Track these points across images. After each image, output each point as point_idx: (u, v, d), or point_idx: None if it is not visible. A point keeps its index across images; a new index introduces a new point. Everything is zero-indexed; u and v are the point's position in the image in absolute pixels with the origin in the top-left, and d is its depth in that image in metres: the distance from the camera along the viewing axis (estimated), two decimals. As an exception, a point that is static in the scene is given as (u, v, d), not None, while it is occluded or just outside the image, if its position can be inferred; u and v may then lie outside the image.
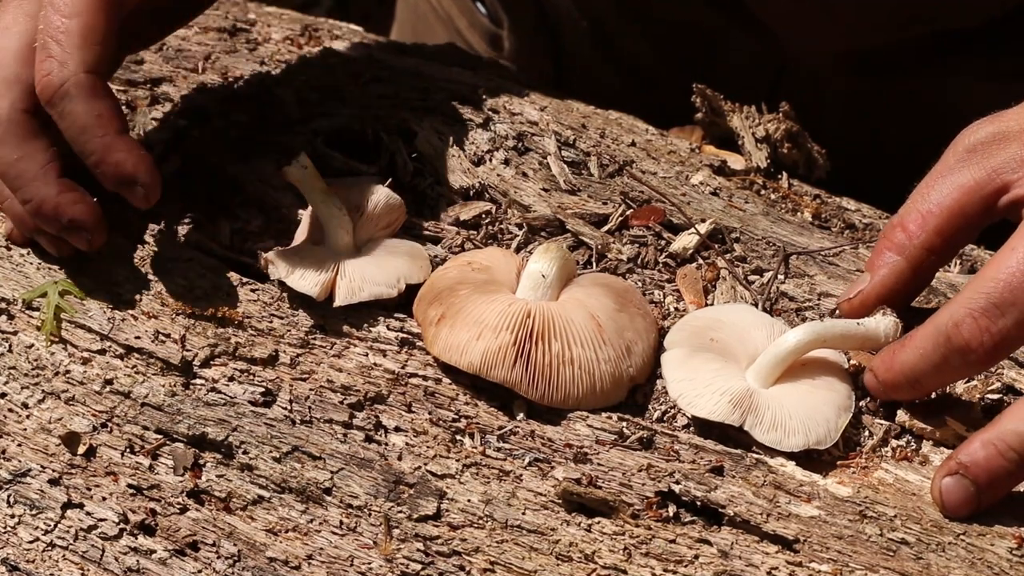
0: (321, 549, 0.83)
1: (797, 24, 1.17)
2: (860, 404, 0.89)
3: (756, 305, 0.93)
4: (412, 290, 0.92)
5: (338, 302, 0.90)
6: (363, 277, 0.91)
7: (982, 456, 0.81)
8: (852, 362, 0.90)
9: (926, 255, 0.88)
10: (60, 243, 0.92)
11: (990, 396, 0.87)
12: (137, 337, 0.90)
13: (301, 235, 0.95)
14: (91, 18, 0.87)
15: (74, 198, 0.90)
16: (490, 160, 1.01)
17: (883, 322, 0.87)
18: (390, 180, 0.98)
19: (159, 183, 0.88)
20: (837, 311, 0.91)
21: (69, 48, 0.86)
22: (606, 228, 0.97)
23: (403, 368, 0.89)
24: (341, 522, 0.83)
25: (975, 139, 0.87)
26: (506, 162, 1.01)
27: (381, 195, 0.95)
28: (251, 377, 0.88)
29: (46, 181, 0.89)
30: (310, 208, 0.94)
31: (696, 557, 0.81)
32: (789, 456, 0.85)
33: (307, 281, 0.90)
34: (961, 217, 0.87)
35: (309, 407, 0.87)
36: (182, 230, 0.96)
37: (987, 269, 0.82)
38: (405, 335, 0.90)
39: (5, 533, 0.85)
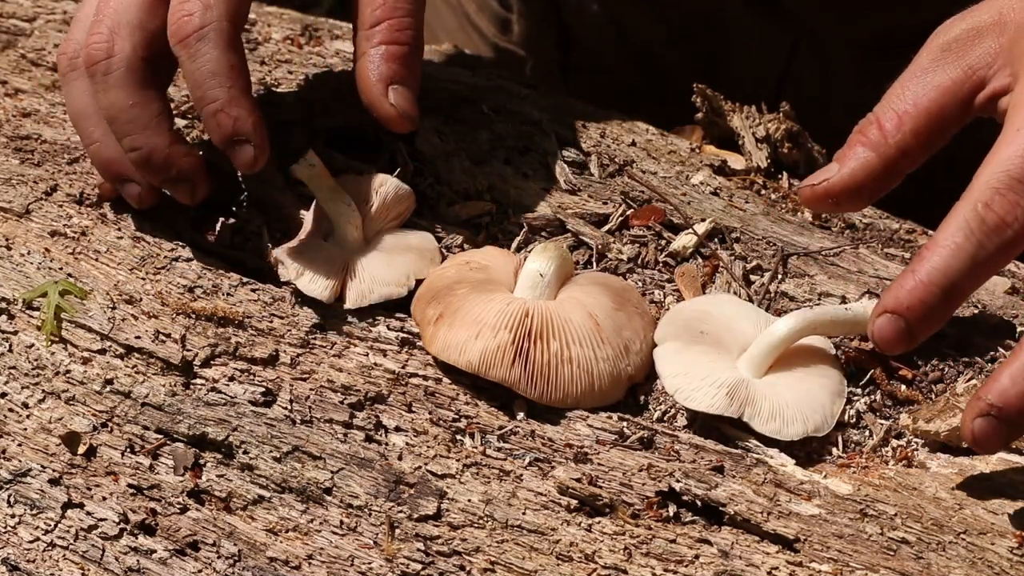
0: (321, 549, 0.83)
1: (817, 3, 1.17)
2: (861, 404, 0.89)
3: (751, 301, 0.93)
4: (421, 285, 0.92)
5: (348, 305, 0.91)
6: (372, 278, 0.91)
7: (1013, 394, 0.78)
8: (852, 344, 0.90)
9: (899, 155, 0.86)
10: (150, 194, 0.94)
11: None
12: (137, 337, 0.90)
13: (309, 228, 0.95)
14: None
15: (184, 150, 0.91)
16: (490, 160, 1.01)
17: (871, 307, 0.87)
18: (398, 170, 0.98)
19: (268, 151, 0.90)
20: (798, 195, 0.89)
21: None
22: (606, 228, 0.97)
23: (403, 368, 0.89)
24: (341, 522, 0.83)
25: (949, 37, 0.86)
26: (506, 162, 1.01)
27: (390, 186, 0.95)
28: (251, 377, 0.88)
29: (158, 130, 0.90)
30: (317, 201, 0.94)
31: (696, 557, 0.81)
32: (790, 454, 0.85)
33: (317, 285, 0.91)
34: (938, 118, 0.85)
35: (309, 407, 0.87)
36: (182, 230, 0.96)
37: (996, 153, 0.80)
38: (405, 335, 0.90)
39: (5, 533, 0.85)
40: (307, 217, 0.96)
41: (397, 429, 0.86)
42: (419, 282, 0.92)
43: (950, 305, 0.80)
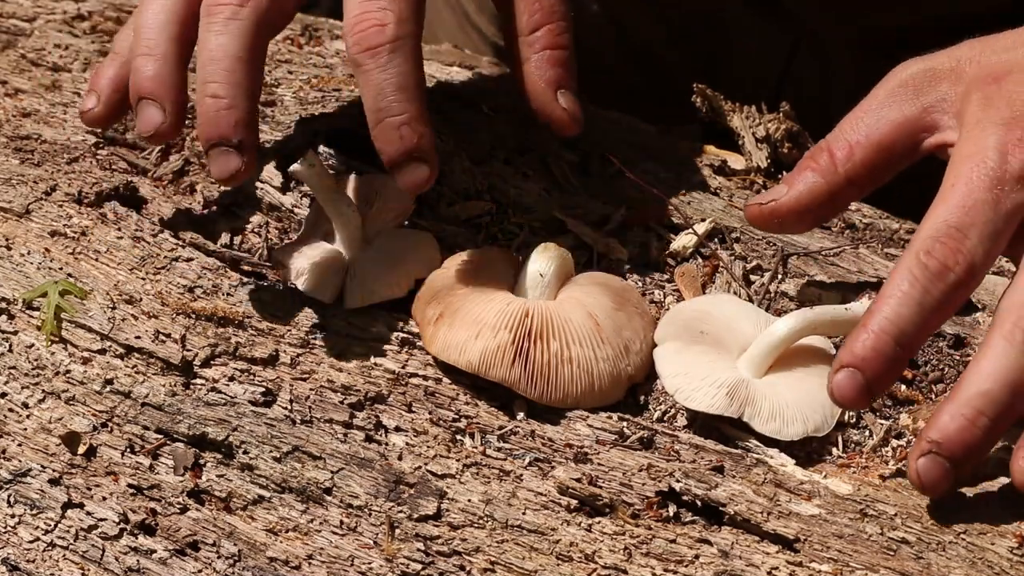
0: (321, 549, 0.83)
1: (817, 3, 1.18)
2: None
3: (751, 301, 0.93)
4: (421, 285, 0.92)
5: (348, 305, 0.91)
6: (372, 278, 0.91)
7: (953, 430, 0.79)
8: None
9: (847, 183, 0.88)
10: (169, 131, 0.90)
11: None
12: (137, 337, 0.90)
13: (310, 228, 0.95)
14: None
15: (256, 125, 0.88)
16: (490, 160, 1.01)
17: None
18: None
19: (437, 175, 0.88)
20: (744, 211, 0.91)
21: (408, 10, 0.86)
22: (606, 228, 0.97)
23: (403, 368, 0.89)
24: (341, 522, 0.84)
25: (908, 74, 0.88)
26: (506, 162, 1.01)
27: (390, 186, 0.95)
28: (251, 377, 0.88)
29: (249, 95, 0.87)
30: (317, 201, 0.94)
31: (696, 557, 0.81)
32: (790, 454, 0.85)
33: (317, 285, 0.91)
34: (888, 152, 0.87)
35: (309, 407, 0.87)
36: (182, 230, 0.96)
37: (934, 209, 0.82)
38: (405, 335, 0.90)
39: (5, 533, 0.85)
40: (307, 217, 0.96)
41: (397, 429, 0.86)
42: (419, 282, 0.92)
43: (904, 353, 0.81)
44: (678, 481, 0.83)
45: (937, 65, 0.88)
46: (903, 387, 0.89)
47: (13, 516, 0.85)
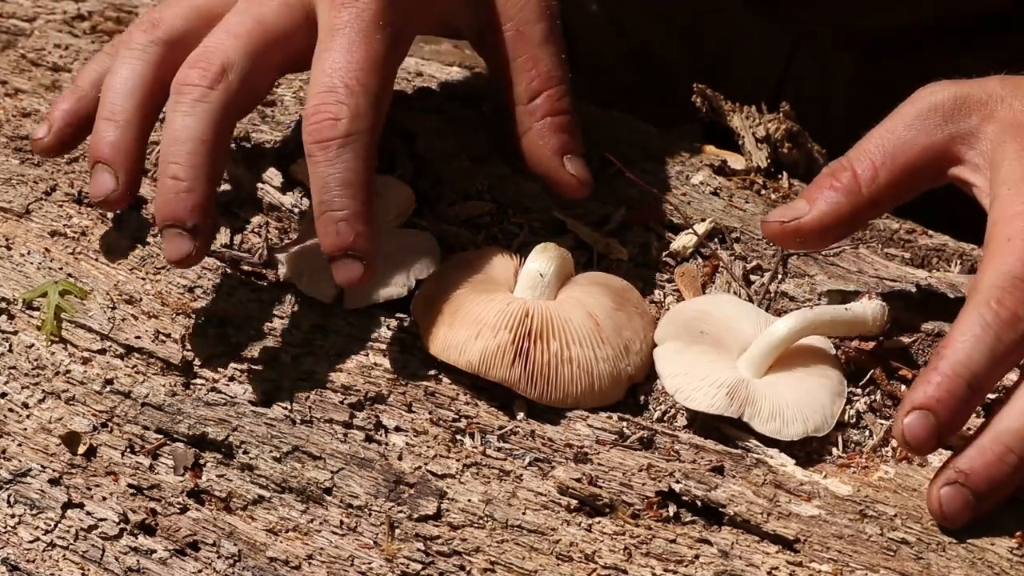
0: (321, 549, 0.83)
1: (817, 3, 1.18)
2: (861, 404, 0.89)
3: (751, 301, 0.93)
4: (421, 285, 0.92)
5: (348, 305, 0.91)
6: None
7: (981, 463, 0.79)
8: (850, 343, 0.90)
9: (870, 204, 0.88)
10: (120, 200, 0.90)
11: (989, 395, 0.87)
12: (137, 337, 0.90)
13: (309, 228, 0.95)
14: (387, 87, 0.88)
15: (213, 210, 0.88)
16: (490, 160, 1.01)
17: (870, 306, 0.88)
18: (398, 172, 0.98)
19: (375, 274, 0.87)
20: (763, 228, 0.90)
21: (365, 105, 0.86)
22: (606, 228, 0.97)
23: (403, 368, 0.89)
24: (341, 522, 0.84)
25: (938, 99, 0.87)
26: (506, 162, 1.01)
27: (389, 187, 0.95)
28: (251, 377, 0.88)
29: (209, 179, 0.87)
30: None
31: (696, 557, 0.81)
32: (790, 454, 0.85)
33: (317, 285, 0.91)
34: (913, 176, 0.87)
35: (309, 407, 0.87)
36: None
37: (991, 261, 0.82)
38: (405, 335, 0.90)
39: (5, 533, 0.85)
40: (307, 217, 0.96)
41: (397, 429, 0.86)
42: (419, 282, 0.92)
43: (975, 397, 0.80)
44: (678, 481, 0.83)
45: (968, 94, 0.87)
46: (903, 387, 0.89)
47: (13, 516, 0.85)
